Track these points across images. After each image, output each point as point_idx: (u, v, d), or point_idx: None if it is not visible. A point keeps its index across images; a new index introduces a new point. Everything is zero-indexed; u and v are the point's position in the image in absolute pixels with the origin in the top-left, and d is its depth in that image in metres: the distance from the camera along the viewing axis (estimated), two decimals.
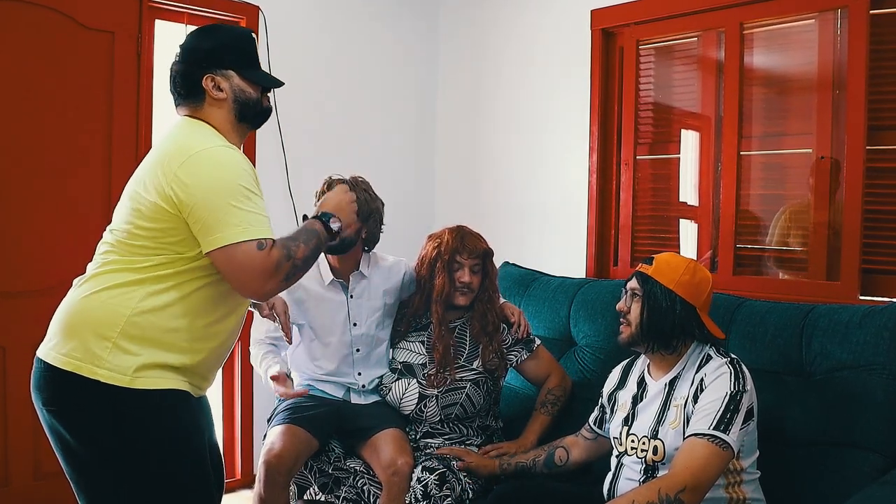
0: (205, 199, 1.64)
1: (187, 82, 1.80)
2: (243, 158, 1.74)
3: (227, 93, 1.80)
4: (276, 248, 1.68)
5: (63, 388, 1.67)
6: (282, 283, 1.71)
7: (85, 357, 1.65)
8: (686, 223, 3.28)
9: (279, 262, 1.67)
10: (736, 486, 1.95)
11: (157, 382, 1.69)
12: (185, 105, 1.82)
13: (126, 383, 1.65)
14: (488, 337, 2.56)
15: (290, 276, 1.72)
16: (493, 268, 2.62)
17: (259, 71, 1.89)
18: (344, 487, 2.48)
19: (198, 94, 1.80)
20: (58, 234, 2.93)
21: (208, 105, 1.80)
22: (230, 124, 1.82)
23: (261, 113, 1.88)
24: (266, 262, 1.65)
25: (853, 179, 2.68)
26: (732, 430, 1.83)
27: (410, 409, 2.56)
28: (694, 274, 2.02)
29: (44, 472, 2.92)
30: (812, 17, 2.85)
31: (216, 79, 1.79)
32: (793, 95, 2.98)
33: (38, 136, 2.92)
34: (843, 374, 2.15)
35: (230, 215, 1.63)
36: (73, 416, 1.68)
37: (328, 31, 3.74)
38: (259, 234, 1.65)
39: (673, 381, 2.02)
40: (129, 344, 1.66)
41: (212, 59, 1.79)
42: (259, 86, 1.86)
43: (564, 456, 2.34)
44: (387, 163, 3.91)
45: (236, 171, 1.68)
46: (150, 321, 1.68)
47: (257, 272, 1.65)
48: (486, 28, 3.90)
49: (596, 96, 3.40)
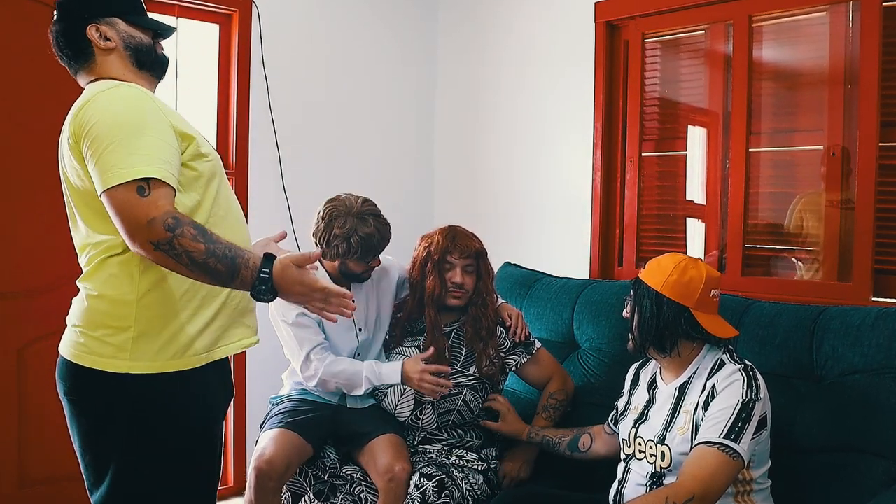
0: (92, 145, 1.52)
1: (71, 39, 1.71)
2: (137, 91, 1.62)
3: (116, 40, 1.71)
4: (164, 206, 1.50)
5: (84, 382, 1.64)
6: (149, 248, 1.48)
7: (105, 351, 1.62)
8: (693, 222, 3.25)
9: (157, 220, 1.48)
10: (746, 495, 1.93)
11: (185, 362, 1.65)
12: (79, 69, 1.74)
13: (155, 369, 1.62)
14: (483, 342, 2.52)
15: (163, 247, 1.48)
16: (487, 269, 2.58)
17: (145, 16, 1.79)
18: (340, 495, 2.46)
19: (86, 51, 1.71)
20: (55, 235, 2.90)
21: (100, 58, 1.71)
22: (131, 73, 1.73)
23: (158, 61, 1.79)
24: (139, 210, 1.47)
25: (865, 176, 2.64)
26: (743, 439, 1.82)
27: (406, 416, 2.52)
28: (683, 273, 1.99)
29: (29, 480, 2.90)
30: (823, 10, 2.81)
31: (101, 28, 1.70)
32: (803, 90, 2.95)
33: (29, 135, 2.89)
34: (855, 378, 2.12)
35: (111, 156, 1.49)
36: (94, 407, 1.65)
37: (322, 23, 3.69)
38: (141, 173, 1.48)
39: (683, 386, 2.01)
40: (152, 328, 1.62)
41: (92, 8, 1.71)
42: (149, 31, 1.77)
43: (588, 442, 2.35)
44: (385, 160, 3.88)
45: (123, 107, 1.56)
46: (159, 296, 1.63)
47: (128, 218, 1.47)
48: (486, 21, 3.86)
49: (600, 92, 3.37)
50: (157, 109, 1.60)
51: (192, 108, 3.31)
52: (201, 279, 1.56)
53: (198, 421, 1.72)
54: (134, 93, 1.60)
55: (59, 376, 1.70)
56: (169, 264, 1.53)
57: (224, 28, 3.41)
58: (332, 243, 2.43)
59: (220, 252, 1.53)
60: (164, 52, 1.82)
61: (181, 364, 1.65)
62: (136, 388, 1.62)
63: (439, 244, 2.51)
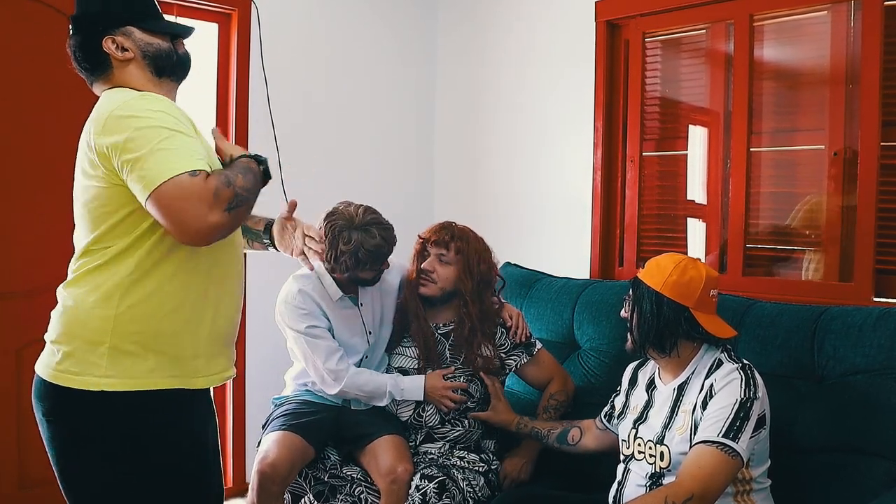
0: (128, 152, 1.51)
1: (89, 53, 1.70)
2: (160, 100, 1.62)
3: (133, 50, 1.70)
4: (212, 176, 1.52)
5: (60, 400, 1.62)
6: (226, 215, 1.50)
7: (82, 369, 1.59)
8: (694, 222, 3.24)
9: (218, 188, 1.50)
10: (745, 494, 1.93)
11: (164, 382, 1.62)
12: (97, 80, 1.73)
13: (131, 387, 1.59)
14: (468, 345, 2.50)
15: (234, 205, 1.52)
16: (472, 268, 2.51)
17: (161, 20, 1.78)
18: (340, 496, 2.45)
19: (104, 63, 1.70)
20: (54, 235, 2.89)
21: (118, 69, 1.70)
22: (150, 82, 1.72)
23: (179, 62, 1.77)
24: (203, 189, 1.48)
25: (867, 176, 2.63)
26: (742, 437, 1.81)
27: (408, 416, 2.51)
28: (683, 273, 1.98)
29: (29, 481, 2.89)
30: (825, 9, 2.80)
31: (117, 39, 1.69)
32: (804, 90, 2.95)
33: (29, 134, 2.89)
34: (856, 379, 2.11)
35: (154, 158, 1.49)
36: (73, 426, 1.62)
37: (321, 22, 3.68)
38: (188, 166, 1.49)
39: (682, 386, 2.01)
40: (128, 345, 1.59)
41: (105, 21, 1.69)
42: (167, 35, 1.76)
43: (578, 436, 2.34)
44: (384, 160, 3.86)
45: (151, 115, 1.55)
46: (141, 312, 1.60)
47: (195, 201, 1.47)
48: (486, 20, 3.85)
49: (600, 91, 3.36)
50: (182, 115, 1.62)
51: (191, 107, 3.29)
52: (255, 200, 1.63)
53: (176, 444, 1.66)
54: (161, 102, 1.60)
55: (36, 396, 1.66)
56: (241, 215, 1.57)
57: (223, 27, 3.40)
58: (339, 259, 2.38)
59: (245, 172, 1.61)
60: (185, 50, 1.80)
61: (157, 384, 1.62)
62: (115, 406, 1.59)
63: (426, 234, 2.54)
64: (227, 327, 1.76)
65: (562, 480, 2.43)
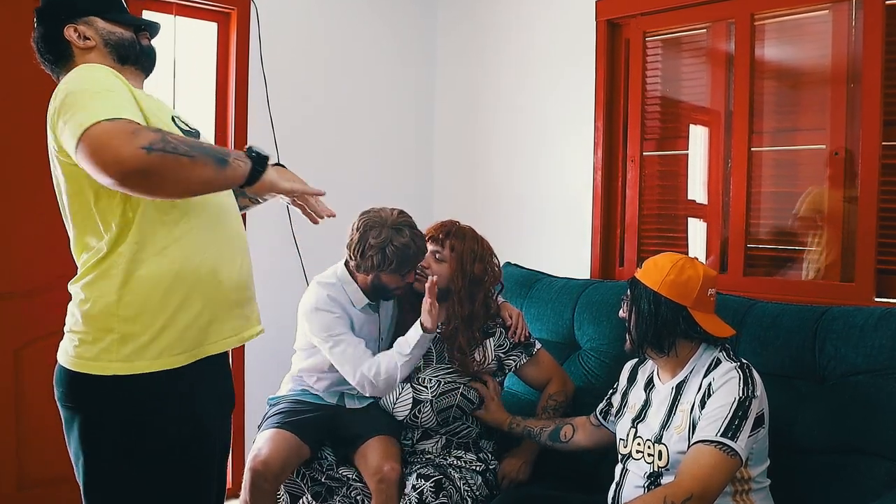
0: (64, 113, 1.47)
1: (51, 43, 1.70)
2: (100, 69, 1.59)
3: (95, 38, 1.69)
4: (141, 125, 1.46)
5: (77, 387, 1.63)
6: (144, 154, 1.38)
7: (95, 355, 1.60)
8: (695, 222, 3.23)
9: (140, 128, 1.42)
10: (744, 494, 1.93)
11: (177, 360, 1.63)
12: (62, 72, 1.70)
13: (144, 369, 1.60)
14: (451, 346, 2.49)
15: (157, 147, 1.40)
16: (466, 268, 2.49)
17: (125, 13, 1.77)
18: (337, 497, 2.45)
19: (66, 52, 1.69)
20: (53, 235, 2.90)
21: (80, 58, 1.69)
22: (114, 69, 1.67)
23: (143, 52, 1.76)
24: (125, 127, 1.40)
25: (868, 176, 2.62)
26: (740, 437, 1.81)
27: (404, 416, 2.50)
28: (680, 272, 1.98)
29: (28, 481, 2.90)
30: (826, 8, 2.79)
31: (79, 28, 1.68)
32: (805, 89, 2.94)
33: (29, 134, 2.86)
34: (857, 379, 2.11)
35: (83, 111, 1.43)
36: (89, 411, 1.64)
37: (321, 21, 3.67)
38: (114, 114, 1.42)
39: (680, 385, 2.01)
40: (134, 327, 1.60)
41: (68, 10, 1.69)
42: (130, 26, 1.75)
43: (570, 433, 2.34)
44: (384, 159, 3.85)
45: (85, 78, 1.53)
46: (141, 295, 1.60)
47: (114, 135, 1.38)
48: (485, 20, 3.84)
49: (601, 90, 3.35)
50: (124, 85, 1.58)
51: (190, 106, 3.30)
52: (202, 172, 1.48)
53: (190, 423, 1.69)
54: (103, 69, 1.59)
55: (56, 382, 1.69)
56: (168, 165, 1.42)
57: (222, 26, 3.40)
58: (366, 254, 2.39)
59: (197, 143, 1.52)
60: (149, 44, 1.78)
61: (169, 363, 1.63)
62: (126, 391, 1.61)
63: (426, 231, 2.55)
64: (232, 292, 1.74)
65: (561, 481, 2.43)
